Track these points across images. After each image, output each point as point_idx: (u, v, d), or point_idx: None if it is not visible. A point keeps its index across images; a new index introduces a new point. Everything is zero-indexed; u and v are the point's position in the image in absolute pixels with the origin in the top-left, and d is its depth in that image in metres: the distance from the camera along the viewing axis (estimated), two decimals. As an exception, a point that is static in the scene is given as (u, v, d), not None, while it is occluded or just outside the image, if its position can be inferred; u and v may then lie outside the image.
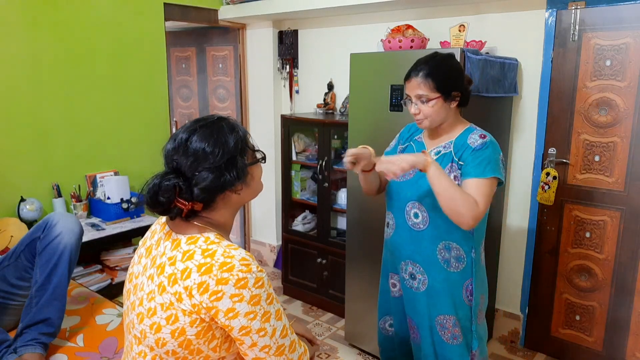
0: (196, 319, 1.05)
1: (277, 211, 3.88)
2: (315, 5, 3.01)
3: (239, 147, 1.12)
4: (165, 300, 1.06)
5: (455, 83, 1.66)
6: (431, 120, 1.67)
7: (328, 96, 3.37)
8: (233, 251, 1.07)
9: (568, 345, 2.70)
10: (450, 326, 1.73)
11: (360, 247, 2.67)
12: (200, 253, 1.06)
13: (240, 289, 1.03)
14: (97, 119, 3.01)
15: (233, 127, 1.14)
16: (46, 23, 2.73)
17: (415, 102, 1.67)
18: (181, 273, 1.05)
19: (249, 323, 1.05)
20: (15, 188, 2.68)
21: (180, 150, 1.09)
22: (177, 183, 1.06)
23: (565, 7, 2.44)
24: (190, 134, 1.10)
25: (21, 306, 1.72)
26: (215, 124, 1.13)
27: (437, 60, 1.68)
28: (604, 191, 2.47)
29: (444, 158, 1.69)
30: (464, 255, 1.69)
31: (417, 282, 1.76)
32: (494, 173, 1.59)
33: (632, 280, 2.44)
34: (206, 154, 1.08)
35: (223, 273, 1.03)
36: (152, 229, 1.24)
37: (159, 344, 1.07)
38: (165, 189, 1.06)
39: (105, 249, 2.90)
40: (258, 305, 1.05)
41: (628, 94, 2.33)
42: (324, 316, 3.25)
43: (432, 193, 1.66)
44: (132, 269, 1.22)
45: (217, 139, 1.09)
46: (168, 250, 1.11)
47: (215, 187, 1.09)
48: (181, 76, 4.23)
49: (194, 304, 1.03)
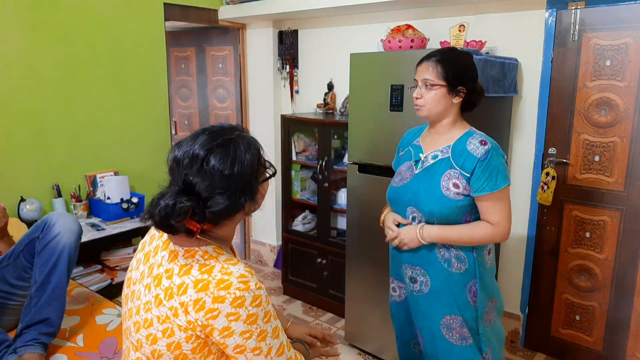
0: (192, 335, 1.03)
1: (277, 211, 3.88)
2: (315, 5, 3.01)
3: (255, 168, 1.08)
4: (162, 314, 1.04)
5: (463, 78, 1.65)
6: (429, 108, 1.66)
7: (328, 96, 3.37)
8: (231, 267, 1.04)
9: (568, 345, 2.70)
10: (458, 326, 1.71)
11: (360, 247, 2.67)
12: (197, 268, 1.04)
13: (236, 307, 1.00)
14: (97, 118, 3.00)
15: (249, 144, 1.08)
16: (46, 23, 2.72)
17: (421, 86, 1.67)
18: (177, 288, 1.03)
19: (244, 342, 1.03)
20: (15, 188, 2.68)
21: (194, 168, 1.03)
22: (191, 206, 1.00)
23: (565, 7, 2.44)
24: (207, 153, 1.03)
25: (21, 306, 1.72)
26: (232, 142, 1.06)
27: (454, 52, 1.70)
28: (604, 191, 2.46)
29: (442, 163, 1.67)
30: (464, 256, 1.68)
31: (419, 285, 1.75)
32: (505, 182, 1.61)
33: (632, 280, 2.44)
34: (224, 177, 1.02)
35: (220, 291, 1.00)
36: (151, 234, 1.22)
37: (155, 354, 1.07)
38: (179, 213, 0.99)
39: (105, 249, 2.90)
40: (254, 325, 1.03)
41: (628, 94, 2.33)
42: (324, 316, 3.25)
43: (425, 197, 1.67)
44: (130, 273, 1.20)
45: (235, 161, 1.04)
46: (165, 261, 1.09)
47: (229, 212, 1.05)
48: (181, 76, 4.23)
49: (190, 320, 1.02)
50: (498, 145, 1.66)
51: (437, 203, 1.64)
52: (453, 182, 1.63)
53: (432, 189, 1.65)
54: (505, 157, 1.66)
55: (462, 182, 1.62)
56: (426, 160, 1.72)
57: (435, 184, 1.65)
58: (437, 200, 1.64)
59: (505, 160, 1.66)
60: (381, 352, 2.68)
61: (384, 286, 2.48)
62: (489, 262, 1.76)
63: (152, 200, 1.04)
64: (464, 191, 1.62)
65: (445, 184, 1.63)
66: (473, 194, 1.61)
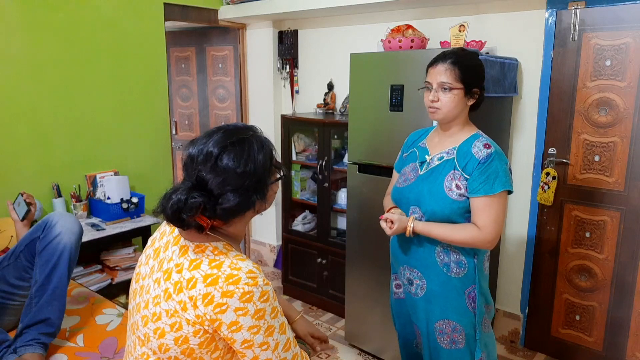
0: (199, 330, 1.04)
1: (277, 211, 3.88)
2: (315, 5, 3.01)
3: (267, 168, 1.10)
4: (170, 307, 1.06)
5: (478, 80, 1.65)
6: (446, 111, 1.64)
7: (328, 96, 3.37)
8: (240, 262, 1.06)
9: (568, 345, 2.70)
10: (450, 331, 1.70)
11: (360, 247, 2.67)
12: (207, 263, 1.06)
13: (245, 302, 1.02)
14: (97, 119, 3.00)
15: (262, 144, 1.11)
16: (46, 23, 2.72)
17: (437, 89, 1.63)
18: (187, 282, 1.05)
19: (252, 337, 1.04)
20: (15, 188, 2.68)
21: (208, 165, 1.05)
22: (203, 202, 1.03)
23: (565, 7, 2.44)
24: (221, 150, 1.06)
25: (21, 306, 1.72)
26: (246, 141, 1.09)
27: (465, 53, 1.69)
28: (604, 191, 2.46)
29: (446, 164, 1.66)
30: (465, 260, 1.66)
31: (415, 288, 1.75)
32: (503, 187, 1.57)
33: (632, 280, 2.44)
34: (236, 175, 1.05)
35: (229, 285, 1.02)
36: (161, 230, 1.23)
37: (162, 349, 1.07)
38: (191, 207, 1.02)
39: (105, 249, 2.90)
40: (262, 320, 1.04)
41: (628, 94, 2.33)
42: (324, 316, 3.25)
43: (428, 197, 1.66)
44: (139, 268, 1.21)
45: (248, 160, 1.07)
46: (176, 256, 1.11)
47: (240, 209, 1.07)
48: (181, 76, 4.23)
49: (198, 314, 1.03)
50: (502, 151, 1.65)
51: (440, 203, 1.64)
52: (455, 183, 1.62)
53: (435, 189, 1.65)
54: (508, 164, 1.64)
55: (463, 183, 1.61)
56: (432, 162, 1.71)
57: (438, 185, 1.65)
58: (440, 200, 1.64)
59: (509, 166, 1.63)
60: (381, 352, 2.68)
61: (384, 286, 2.48)
62: (486, 267, 1.76)
63: (165, 194, 1.07)
64: (465, 192, 1.61)
65: (449, 185, 1.63)
66: (468, 194, 1.60)
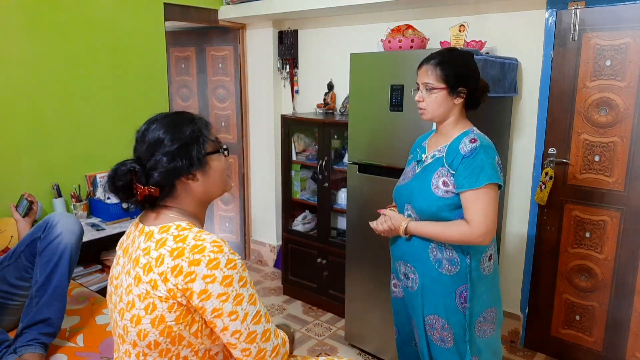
0: (173, 304, 1.06)
1: (277, 211, 3.88)
2: (315, 5, 3.01)
3: (194, 136, 1.16)
4: (142, 291, 1.08)
5: (464, 79, 1.64)
6: (432, 111, 1.67)
7: (328, 96, 3.37)
8: (204, 235, 1.11)
9: (568, 345, 2.70)
10: (439, 327, 1.70)
11: (360, 247, 2.67)
12: (172, 239, 1.10)
13: (212, 269, 1.05)
14: (97, 119, 3.00)
15: (192, 119, 1.19)
16: (46, 23, 2.72)
17: (422, 89, 1.67)
18: (155, 261, 1.08)
19: (221, 305, 1.06)
20: (15, 188, 2.68)
21: (139, 140, 1.16)
22: (132, 167, 1.11)
23: (565, 7, 2.44)
24: (149, 124, 1.17)
25: (21, 306, 1.72)
26: (175, 114, 1.20)
27: (453, 53, 1.69)
28: (604, 191, 2.47)
29: (436, 162, 1.68)
30: (458, 259, 1.66)
31: (411, 282, 1.77)
32: (488, 180, 1.55)
33: (632, 280, 2.44)
34: (160, 140, 1.13)
35: (195, 255, 1.06)
36: (127, 232, 1.26)
37: (140, 336, 1.09)
38: (121, 174, 1.11)
39: (105, 249, 2.90)
40: (230, 287, 1.07)
41: (628, 94, 2.33)
42: (324, 316, 3.25)
43: (419, 196, 1.68)
44: (112, 271, 1.23)
45: (172, 128, 1.15)
46: (142, 242, 1.14)
47: (167, 171, 1.12)
48: (181, 76, 4.23)
49: (170, 288, 1.05)
50: (492, 145, 1.64)
51: (426, 200, 1.65)
52: (442, 180, 1.63)
53: (424, 187, 1.67)
54: (496, 157, 1.62)
55: (450, 179, 1.62)
56: (426, 160, 1.73)
57: (426, 182, 1.67)
58: (427, 197, 1.65)
59: (497, 160, 1.62)
60: (381, 352, 2.68)
61: (383, 286, 2.48)
62: (488, 268, 1.71)
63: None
64: (453, 189, 1.62)
65: (435, 182, 1.64)
66: (456, 190, 1.61)
